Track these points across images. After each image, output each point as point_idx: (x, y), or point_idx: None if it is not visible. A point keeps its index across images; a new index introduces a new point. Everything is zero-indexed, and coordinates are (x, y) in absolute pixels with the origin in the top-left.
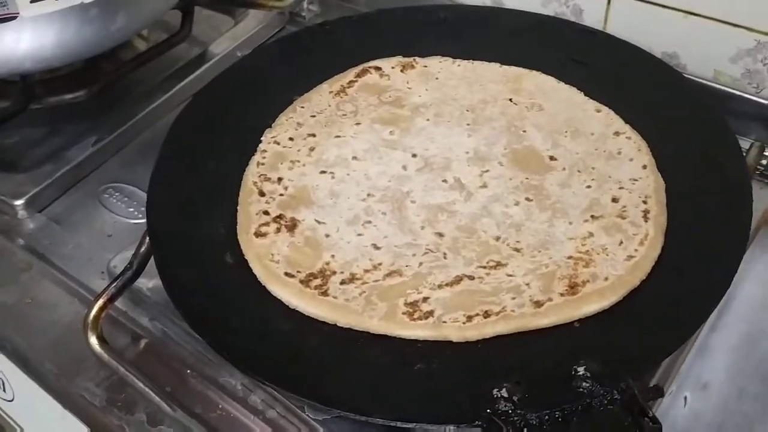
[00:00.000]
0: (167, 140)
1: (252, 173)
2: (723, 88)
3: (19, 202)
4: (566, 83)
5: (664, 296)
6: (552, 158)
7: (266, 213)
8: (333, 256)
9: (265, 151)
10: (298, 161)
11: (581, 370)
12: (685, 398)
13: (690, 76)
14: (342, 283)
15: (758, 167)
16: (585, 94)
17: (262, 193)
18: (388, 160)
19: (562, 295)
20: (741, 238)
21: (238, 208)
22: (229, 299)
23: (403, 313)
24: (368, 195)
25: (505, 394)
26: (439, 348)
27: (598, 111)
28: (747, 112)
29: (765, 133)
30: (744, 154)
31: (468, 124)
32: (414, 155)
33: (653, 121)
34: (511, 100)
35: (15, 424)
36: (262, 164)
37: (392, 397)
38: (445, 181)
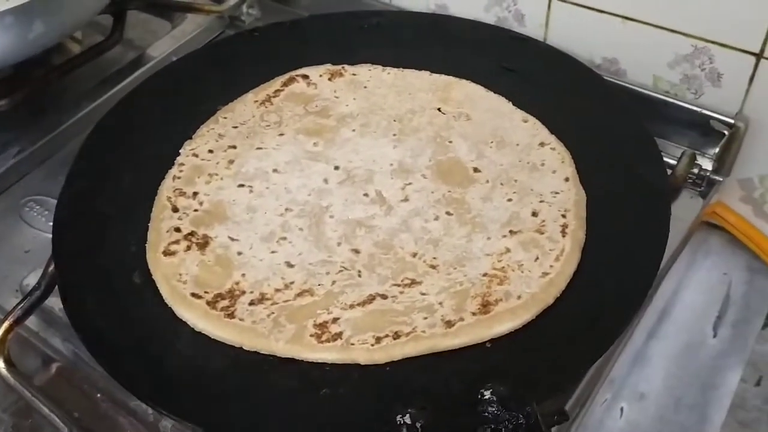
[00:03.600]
0: (80, 153)
1: (167, 188)
2: (654, 94)
3: None
4: (496, 92)
5: (578, 314)
6: (476, 170)
7: (177, 230)
8: (243, 275)
9: (182, 164)
10: (216, 174)
11: (488, 393)
12: (622, 409)
13: (620, 82)
14: (251, 303)
15: (690, 176)
16: (513, 104)
17: (175, 209)
18: (309, 172)
19: (474, 314)
20: (657, 251)
21: (149, 225)
22: (133, 322)
23: (311, 335)
24: (286, 209)
25: (409, 421)
26: (347, 371)
27: (525, 121)
28: (680, 119)
29: (699, 140)
30: (664, 162)
31: (394, 135)
32: (336, 167)
33: (578, 129)
34: (439, 109)
35: None
36: (179, 178)
37: (297, 424)
38: (366, 194)
